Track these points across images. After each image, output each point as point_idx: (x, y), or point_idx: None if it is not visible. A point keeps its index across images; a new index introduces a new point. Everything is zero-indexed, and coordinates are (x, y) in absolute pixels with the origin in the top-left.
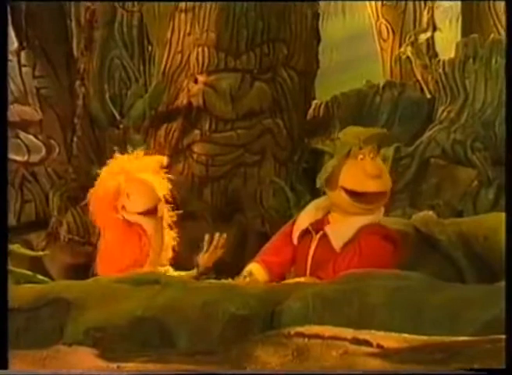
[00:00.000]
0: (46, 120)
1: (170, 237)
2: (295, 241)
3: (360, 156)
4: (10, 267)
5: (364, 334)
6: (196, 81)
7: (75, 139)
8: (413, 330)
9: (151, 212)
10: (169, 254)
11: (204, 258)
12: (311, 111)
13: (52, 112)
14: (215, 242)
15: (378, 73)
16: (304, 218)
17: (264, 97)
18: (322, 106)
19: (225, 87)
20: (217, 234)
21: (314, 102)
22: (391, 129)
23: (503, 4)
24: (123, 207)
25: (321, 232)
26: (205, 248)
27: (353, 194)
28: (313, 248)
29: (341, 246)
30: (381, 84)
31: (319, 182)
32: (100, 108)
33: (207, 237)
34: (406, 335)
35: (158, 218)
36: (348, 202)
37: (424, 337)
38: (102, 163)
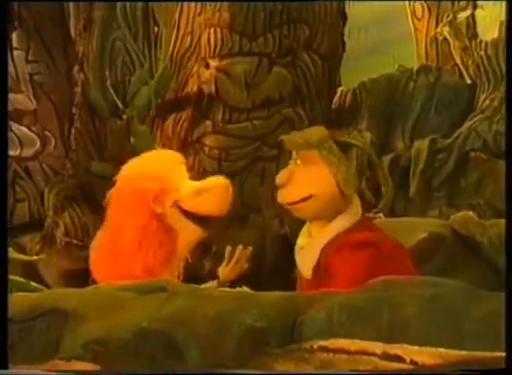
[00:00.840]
0: (40, 110)
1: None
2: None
3: (290, 161)
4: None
5: (395, 349)
6: (207, 66)
7: (73, 131)
8: (450, 344)
9: (207, 222)
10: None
11: (224, 272)
12: (335, 99)
13: (47, 101)
14: (237, 255)
15: (411, 56)
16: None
17: (283, 83)
18: (349, 94)
19: (240, 72)
20: (240, 247)
21: (339, 89)
22: (426, 118)
23: None
24: (175, 203)
25: None
26: (226, 261)
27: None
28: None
29: (311, 274)
30: (415, 69)
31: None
32: (100, 96)
33: (228, 249)
34: (442, 350)
35: (204, 232)
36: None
37: (463, 353)
38: (103, 158)
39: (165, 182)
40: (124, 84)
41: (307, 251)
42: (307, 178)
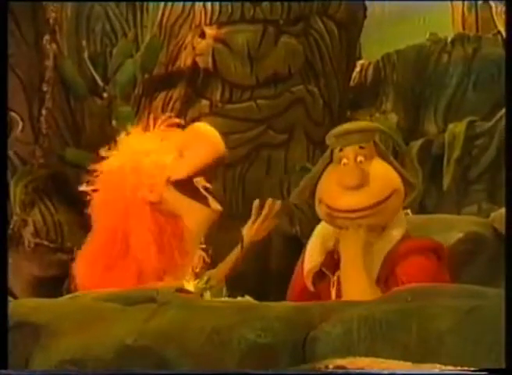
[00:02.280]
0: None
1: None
2: (310, 288)
3: (344, 160)
4: None
5: (426, 369)
6: (203, 35)
7: (44, 112)
8: (491, 364)
9: (210, 170)
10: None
11: (250, 231)
12: (355, 74)
13: (13, 77)
14: (266, 210)
15: (445, 24)
16: (312, 255)
17: (293, 56)
18: (371, 68)
19: (242, 43)
20: (269, 200)
21: (359, 63)
22: (463, 97)
23: None
24: (168, 181)
25: (338, 272)
26: (253, 218)
27: (336, 210)
28: (333, 295)
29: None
30: (449, 38)
31: (293, 195)
32: (76, 71)
33: (256, 203)
34: (484, 373)
35: (210, 214)
36: (336, 219)
37: (501, 369)
38: (79, 144)
39: (150, 167)
40: (104, 57)
41: (367, 261)
42: (383, 174)
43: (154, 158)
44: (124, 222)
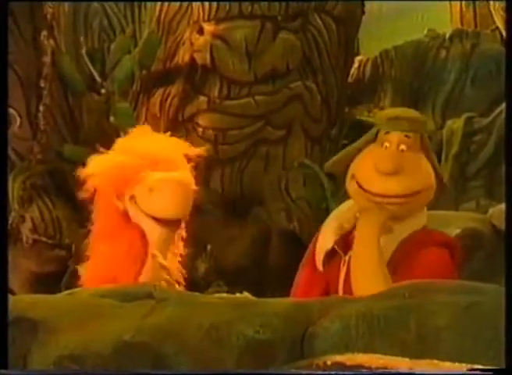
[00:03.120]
0: None
1: (178, 251)
2: (320, 267)
3: (386, 144)
4: None
5: (424, 365)
6: (201, 31)
7: (41, 108)
8: (489, 360)
9: (168, 224)
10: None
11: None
12: (353, 70)
13: (12, 73)
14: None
15: (444, 20)
16: (327, 234)
17: (291, 52)
18: (369, 64)
19: (240, 39)
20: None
21: (357, 59)
22: (461, 93)
23: None
24: (133, 197)
25: (350, 252)
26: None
27: (365, 191)
28: (342, 275)
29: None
30: (447, 34)
31: (328, 162)
32: (74, 67)
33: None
34: (479, 367)
35: (172, 232)
36: (363, 198)
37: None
38: (77, 140)
39: (125, 173)
40: (102, 53)
41: (385, 242)
42: (421, 169)
43: (129, 172)
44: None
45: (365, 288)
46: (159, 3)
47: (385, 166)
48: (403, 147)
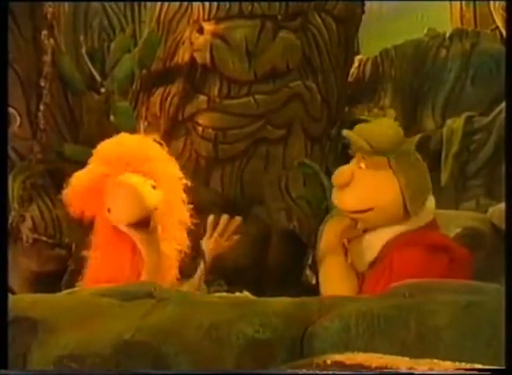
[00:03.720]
0: None
1: (172, 249)
2: None
3: (361, 164)
4: None
5: (424, 365)
6: (201, 31)
7: (41, 107)
8: (488, 360)
9: (141, 225)
10: (174, 270)
11: (208, 245)
12: (353, 70)
13: (11, 72)
14: (220, 227)
15: (444, 19)
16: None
17: (291, 51)
18: (369, 63)
19: (240, 38)
20: (224, 217)
21: (357, 58)
22: (461, 92)
23: None
24: (109, 210)
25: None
26: (209, 233)
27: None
28: None
29: (366, 268)
30: (448, 33)
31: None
32: (74, 66)
33: (210, 218)
34: (479, 366)
35: (150, 231)
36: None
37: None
38: (77, 139)
39: (99, 187)
40: (102, 52)
41: (368, 244)
42: (370, 187)
43: (101, 183)
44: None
45: (330, 289)
46: (159, 3)
47: (335, 180)
48: (361, 164)
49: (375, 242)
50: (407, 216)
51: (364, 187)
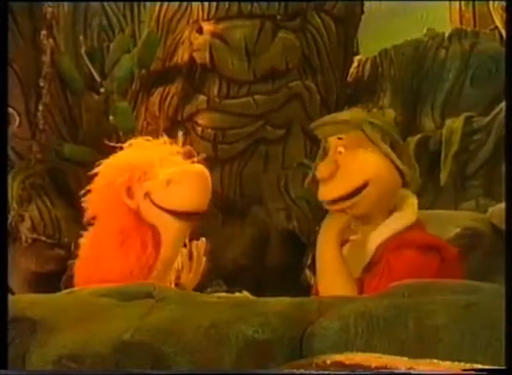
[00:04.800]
0: None
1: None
2: None
3: (340, 149)
4: None
5: (423, 365)
6: (200, 31)
7: (41, 107)
8: (488, 360)
9: (187, 218)
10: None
11: (188, 278)
12: (352, 70)
13: (11, 72)
14: (195, 253)
15: (443, 19)
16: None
17: (290, 51)
18: (368, 63)
19: (239, 38)
20: (194, 242)
21: (356, 58)
22: (460, 93)
23: None
24: (147, 194)
25: None
26: (187, 268)
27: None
28: None
29: (360, 273)
30: (447, 33)
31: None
32: (73, 66)
33: (184, 252)
34: (478, 366)
35: (188, 228)
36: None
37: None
38: (76, 139)
39: (135, 171)
40: (102, 52)
41: (358, 247)
42: (357, 164)
43: (142, 168)
44: (109, 220)
45: (328, 286)
46: (158, 2)
47: (319, 173)
48: (340, 149)
49: (366, 246)
50: (405, 187)
51: (352, 167)
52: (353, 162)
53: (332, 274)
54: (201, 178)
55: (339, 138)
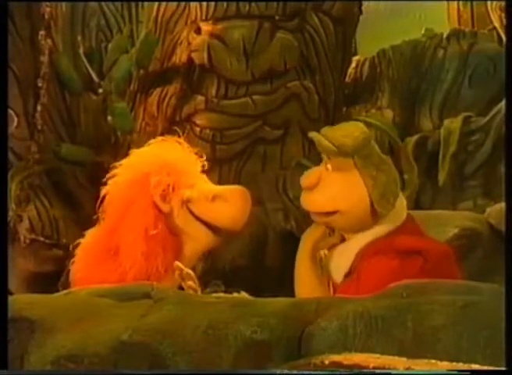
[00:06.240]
0: None
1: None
2: None
3: (328, 165)
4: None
5: (421, 365)
6: (198, 31)
7: (39, 108)
8: (486, 360)
9: (224, 234)
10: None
11: None
12: (351, 70)
13: (9, 72)
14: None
15: (441, 19)
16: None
17: (288, 52)
18: (366, 64)
19: (238, 38)
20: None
21: (355, 59)
22: (458, 93)
23: None
24: (186, 203)
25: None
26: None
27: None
28: None
29: (341, 279)
30: (445, 34)
31: None
32: (71, 66)
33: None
34: (476, 366)
35: (220, 243)
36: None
37: (501, 369)
38: (75, 140)
39: (177, 176)
40: (100, 52)
41: (340, 253)
42: (336, 189)
43: (183, 169)
44: (123, 220)
45: (303, 295)
46: (156, 3)
47: (302, 182)
48: (328, 166)
49: (347, 253)
50: (376, 219)
51: (330, 189)
52: (332, 185)
53: (304, 283)
54: (246, 199)
55: (329, 158)
